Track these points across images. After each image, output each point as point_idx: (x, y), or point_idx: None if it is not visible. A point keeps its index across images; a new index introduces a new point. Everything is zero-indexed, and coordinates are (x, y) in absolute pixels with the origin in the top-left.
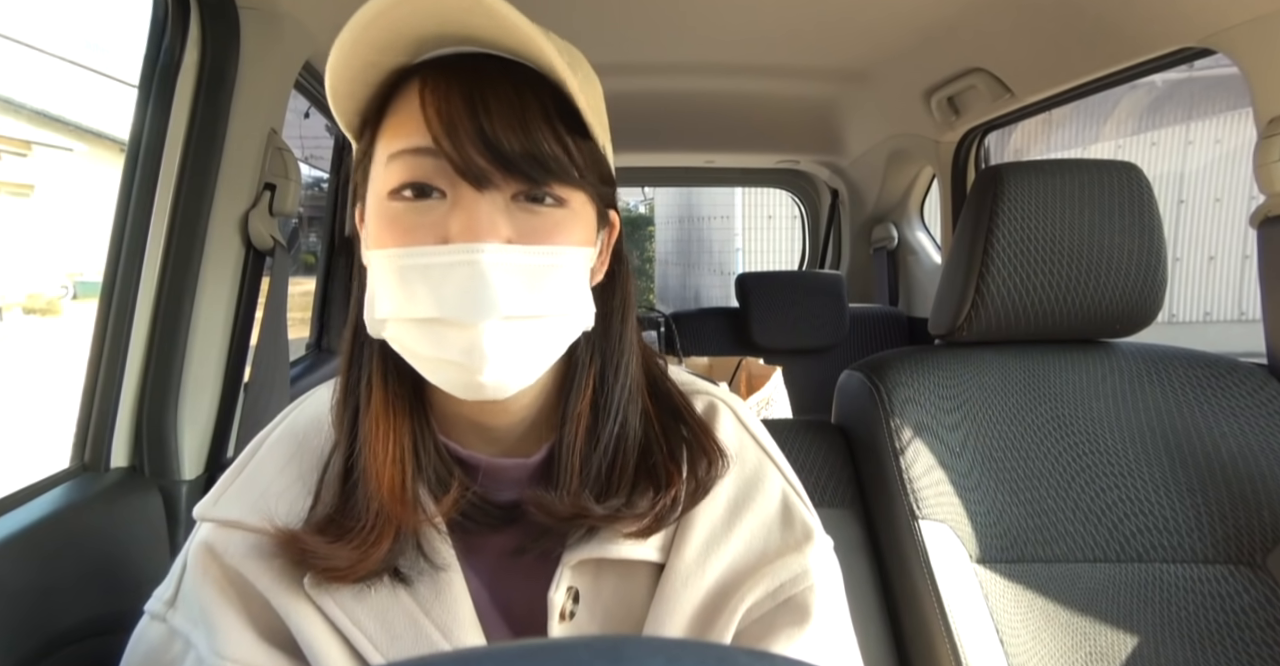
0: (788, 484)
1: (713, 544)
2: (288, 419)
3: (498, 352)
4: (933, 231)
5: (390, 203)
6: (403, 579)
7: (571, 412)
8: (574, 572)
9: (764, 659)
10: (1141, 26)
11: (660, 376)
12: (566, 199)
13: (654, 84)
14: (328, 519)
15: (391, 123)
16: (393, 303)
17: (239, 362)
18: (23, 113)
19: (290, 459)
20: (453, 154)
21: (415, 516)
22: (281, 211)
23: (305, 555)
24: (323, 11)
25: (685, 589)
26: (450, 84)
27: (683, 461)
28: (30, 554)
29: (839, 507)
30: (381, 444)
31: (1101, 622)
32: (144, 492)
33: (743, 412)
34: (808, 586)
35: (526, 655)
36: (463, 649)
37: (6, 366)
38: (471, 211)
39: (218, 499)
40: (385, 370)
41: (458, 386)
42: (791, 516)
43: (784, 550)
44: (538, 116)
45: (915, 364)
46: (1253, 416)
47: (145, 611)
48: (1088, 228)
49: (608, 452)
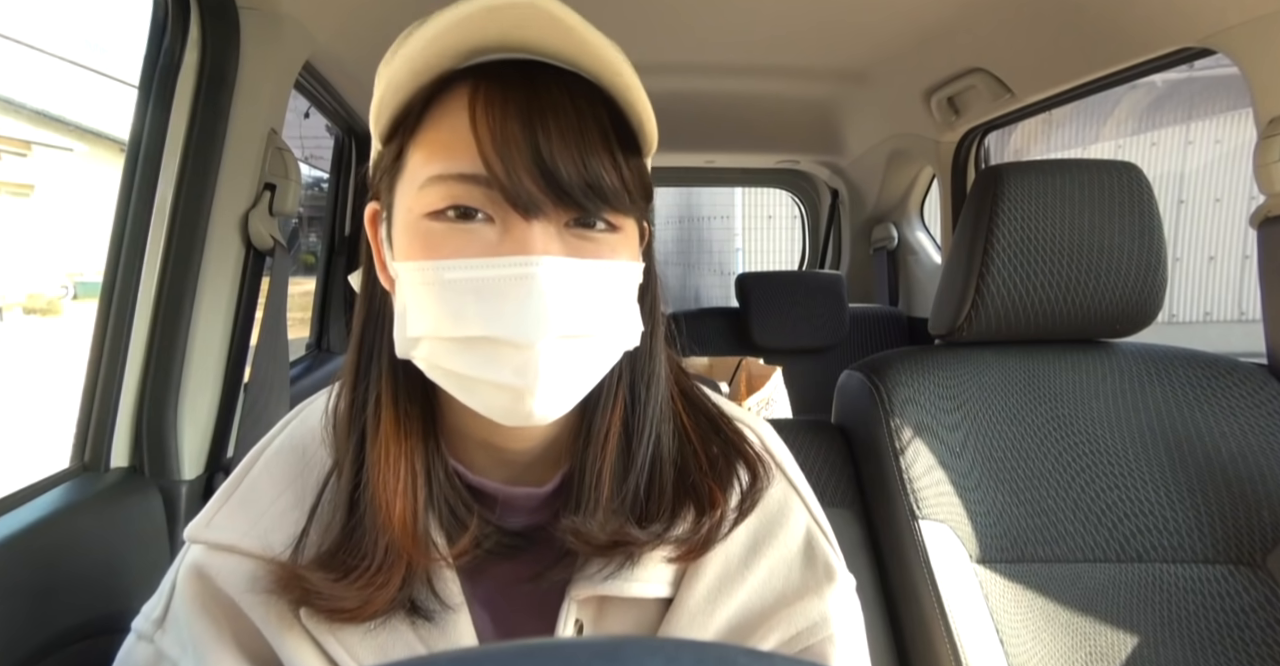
0: (813, 519)
1: (726, 581)
2: (286, 430)
3: (551, 374)
4: (933, 231)
5: (429, 222)
6: (412, 614)
7: (597, 432)
8: (580, 606)
9: (764, 659)
10: (1141, 26)
11: (690, 386)
12: (618, 225)
13: (654, 84)
14: (330, 553)
15: (432, 137)
16: (431, 319)
17: (239, 363)
18: (23, 113)
19: (290, 479)
20: (505, 181)
21: (427, 555)
22: (281, 211)
23: (307, 595)
24: (323, 11)
25: (690, 628)
26: (506, 99)
27: (725, 476)
28: (30, 554)
29: (839, 507)
30: (392, 471)
31: (1102, 623)
32: (144, 492)
33: (769, 439)
34: (826, 636)
35: (526, 655)
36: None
37: (7, 366)
38: (525, 237)
39: (211, 519)
40: (396, 390)
41: (500, 411)
42: (814, 555)
43: (803, 592)
44: (595, 138)
45: (915, 364)
46: (1253, 416)
47: (132, 629)
48: (1088, 228)
49: (644, 473)
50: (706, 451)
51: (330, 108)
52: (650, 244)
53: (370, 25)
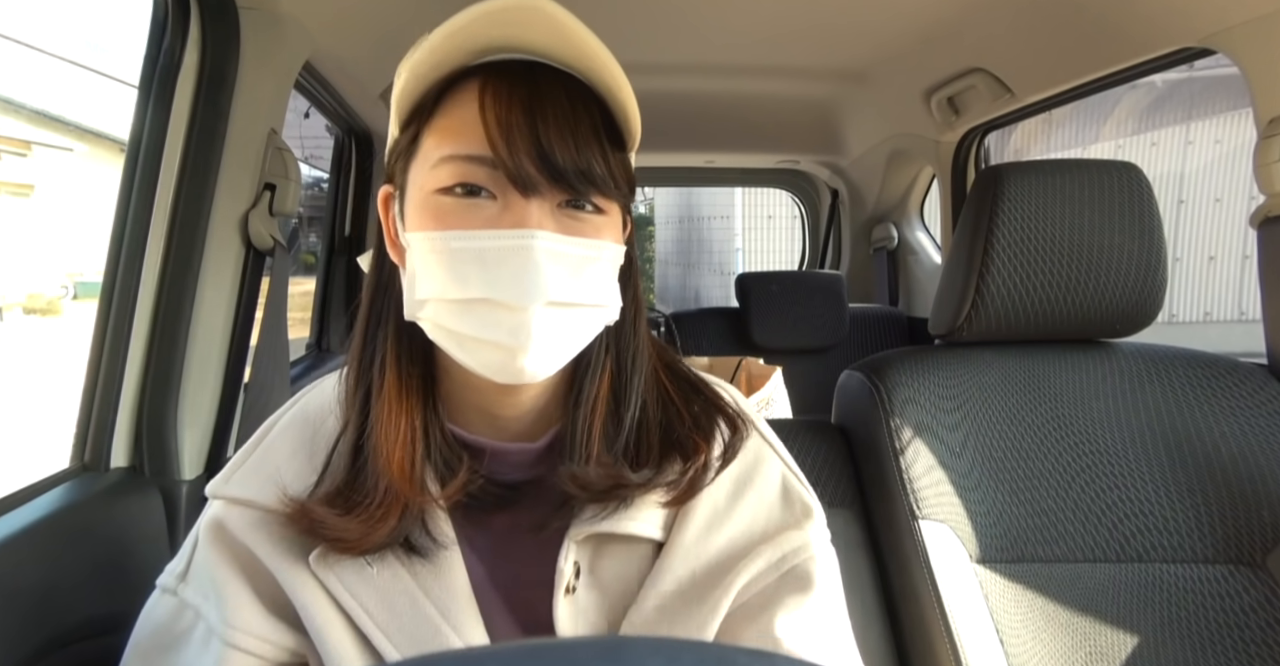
0: (786, 467)
1: (714, 522)
2: (298, 404)
3: (541, 336)
4: (933, 231)
5: (439, 197)
6: (407, 553)
7: (587, 395)
8: (579, 547)
9: (764, 658)
10: (1141, 26)
11: (673, 358)
12: (605, 208)
13: (654, 84)
14: (336, 492)
15: (445, 123)
16: (437, 283)
17: (239, 362)
18: (23, 113)
19: (301, 443)
20: (509, 162)
21: (422, 496)
22: (281, 211)
23: (314, 526)
24: (323, 11)
25: (682, 565)
26: (511, 92)
27: (708, 429)
28: (30, 553)
29: (839, 507)
30: (393, 424)
31: (1102, 623)
32: (144, 492)
33: (739, 398)
34: (809, 557)
35: (528, 655)
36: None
37: (7, 366)
38: (523, 212)
39: (229, 477)
40: (399, 353)
41: (494, 368)
42: (791, 496)
43: (785, 526)
44: (588, 131)
45: (915, 364)
46: (1253, 416)
47: (156, 586)
48: (1088, 228)
49: (632, 433)
50: (689, 410)
51: (330, 108)
52: (633, 234)
53: (370, 25)
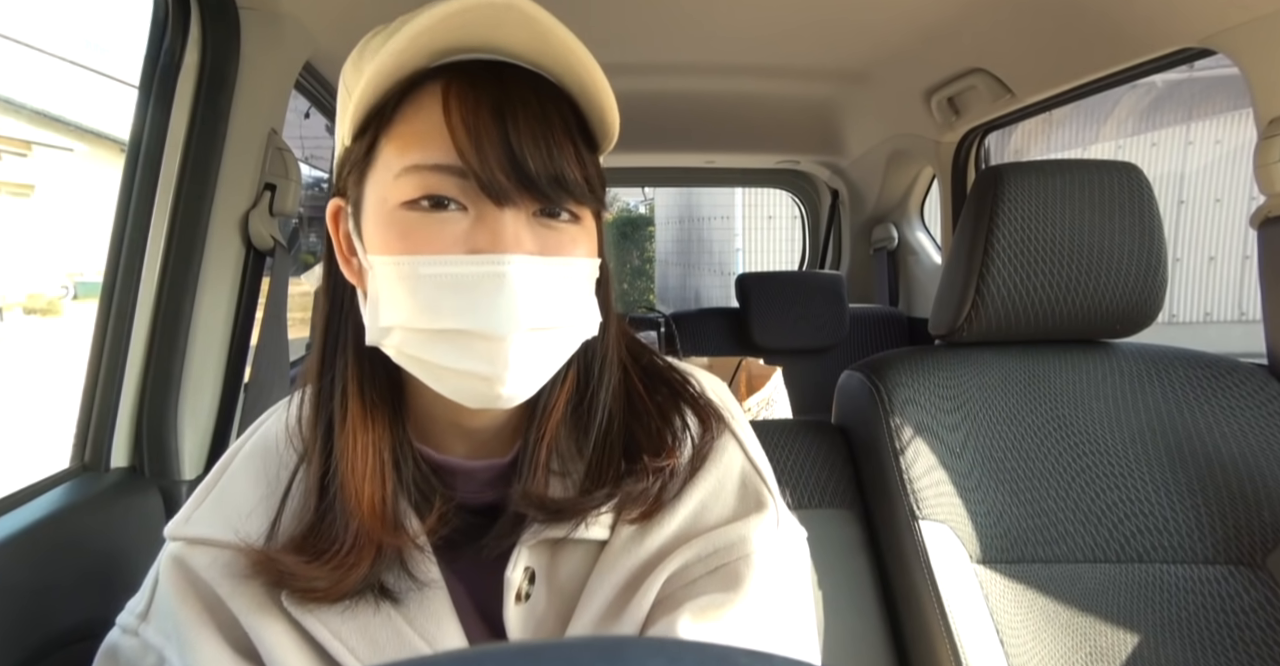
0: (748, 460)
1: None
2: (259, 432)
3: (520, 364)
4: (933, 231)
5: (403, 212)
6: (386, 595)
7: (543, 407)
8: (531, 552)
9: (764, 659)
10: (1141, 27)
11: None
12: (580, 215)
13: (654, 84)
14: (303, 536)
15: (406, 130)
16: (403, 311)
17: (239, 362)
18: (23, 113)
19: (262, 476)
20: (479, 171)
21: (397, 537)
22: (281, 211)
23: (282, 576)
24: (323, 11)
25: (620, 560)
26: (479, 96)
27: (676, 431)
28: (30, 554)
29: (839, 507)
30: (360, 457)
31: (1102, 623)
32: (144, 493)
33: (708, 384)
34: (744, 555)
35: (527, 655)
36: (464, 649)
37: (7, 366)
38: (496, 226)
39: (189, 517)
40: (362, 379)
41: (471, 396)
42: (746, 490)
43: (725, 519)
44: (560, 134)
45: (915, 364)
46: (1253, 416)
47: (116, 624)
48: (1088, 228)
49: (596, 446)
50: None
51: (330, 108)
52: (602, 236)
53: (370, 25)
